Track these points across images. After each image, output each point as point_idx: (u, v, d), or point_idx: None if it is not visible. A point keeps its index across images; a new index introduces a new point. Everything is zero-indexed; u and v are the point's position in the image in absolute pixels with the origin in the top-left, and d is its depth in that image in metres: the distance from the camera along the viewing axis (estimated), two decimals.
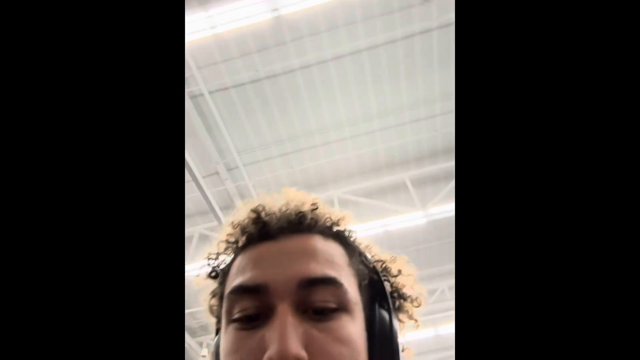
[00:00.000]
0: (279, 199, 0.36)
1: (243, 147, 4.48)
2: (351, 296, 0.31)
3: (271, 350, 0.26)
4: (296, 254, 0.31)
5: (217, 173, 4.59)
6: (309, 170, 4.79)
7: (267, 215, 0.34)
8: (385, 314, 0.33)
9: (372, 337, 0.31)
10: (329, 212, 0.36)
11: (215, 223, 4.77)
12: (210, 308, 0.36)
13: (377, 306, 0.33)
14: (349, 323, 0.30)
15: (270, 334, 0.27)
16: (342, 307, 0.30)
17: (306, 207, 0.35)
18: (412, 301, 0.37)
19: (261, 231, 0.34)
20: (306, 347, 0.27)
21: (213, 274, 0.36)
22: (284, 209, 0.35)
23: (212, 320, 0.37)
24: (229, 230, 0.36)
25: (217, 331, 0.35)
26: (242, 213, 0.36)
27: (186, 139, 4.07)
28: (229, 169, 4.62)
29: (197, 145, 4.32)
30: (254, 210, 0.35)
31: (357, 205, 4.90)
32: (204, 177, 4.26)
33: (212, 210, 4.39)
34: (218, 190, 4.69)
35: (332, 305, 0.30)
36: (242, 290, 0.30)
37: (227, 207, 4.79)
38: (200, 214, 4.96)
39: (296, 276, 0.30)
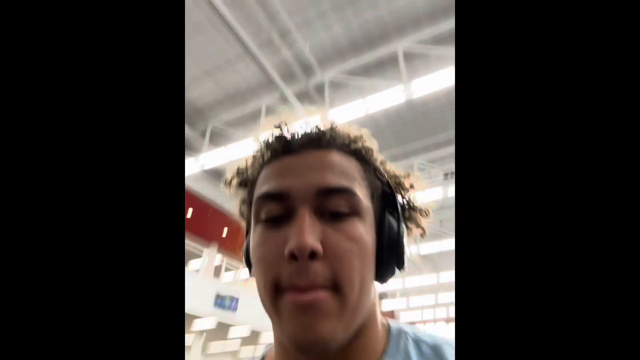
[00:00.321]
0: (301, 117, 0.39)
1: (294, 8, 4.07)
2: (363, 204, 0.34)
3: (291, 243, 0.30)
4: (315, 166, 0.35)
5: (270, 41, 4.38)
6: (369, 23, 4.29)
7: (289, 132, 0.37)
8: (394, 221, 0.37)
9: (380, 239, 0.35)
10: (347, 130, 0.39)
11: (278, 94, 4.84)
12: (241, 213, 0.41)
13: (387, 214, 0.37)
14: (360, 225, 0.33)
15: (291, 231, 0.31)
16: (355, 212, 0.33)
17: (325, 126, 0.38)
18: (421, 212, 0.41)
19: (284, 147, 0.37)
20: (322, 242, 0.31)
21: (243, 183, 0.40)
22: (304, 127, 0.37)
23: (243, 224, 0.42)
24: (255, 145, 0.39)
25: (247, 233, 0.40)
26: (266, 129, 0.39)
27: (234, 9, 3.81)
28: (282, 35, 4.36)
29: (246, 13, 4.05)
30: (277, 127, 0.38)
31: (424, 58, 4.46)
32: (258, 47, 4.12)
33: (273, 81, 4.40)
34: (275, 61, 4.57)
35: (346, 210, 0.33)
36: (267, 197, 0.34)
37: (287, 75, 4.73)
38: (262, 87, 5.02)
39: (315, 185, 0.33)
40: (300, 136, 0.37)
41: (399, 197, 0.39)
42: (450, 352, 0.36)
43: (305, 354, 0.34)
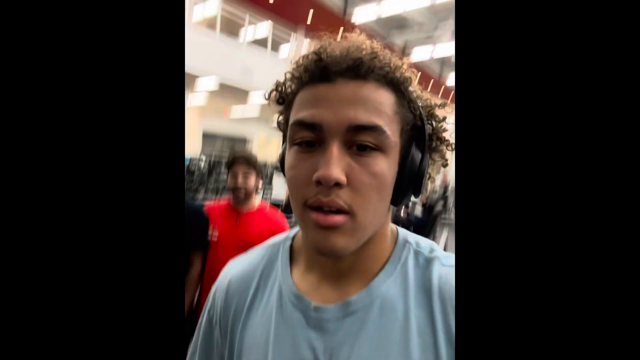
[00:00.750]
0: (342, 44, 0.39)
1: None
2: (390, 140, 0.37)
3: (319, 172, 0.35)
4: (349, 99, 0.36)
5: None
6: None
7: (328, 57, 0.38)
8: (419, 154, 0.40)
9: (401, 173, 0.38)
10: (387, 59, 0.39)
11: None
12: (279, 124, 0.44)
13: (413, 148, 0.39)
14: (383, 160, 0.37)
15: (321, 160, 0.35)
16: (380, 148, 0.36)
17: (365, 54, 0.38)
18: (447, 145, 0.43)
19: (321, 72, 0.38)
20: (346, 174, 0.35)
21: (280, 100, 0.43)
22: (344, 53, 0.38)
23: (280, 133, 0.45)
24: (295, 66, 0.41)
25: (283, 141, 0.44)
26: (307, 54, 0.40)
27: None
28: None
29: None
30: (316, 53, 0.39)
31: None
32: None
33: None
34: None
35: (372, 144, 0.36)
36: (302, 125, 0.37)
37: None
38: None
39: (346, 120, 0.35)
40: (337, 63, 0.37)
41: (429, 128, 0.41)
42: (436, 269, 0.41)
43: (323, 256, 0.41)
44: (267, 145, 10.60)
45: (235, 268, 0.50)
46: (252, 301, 0.46)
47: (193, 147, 8.58)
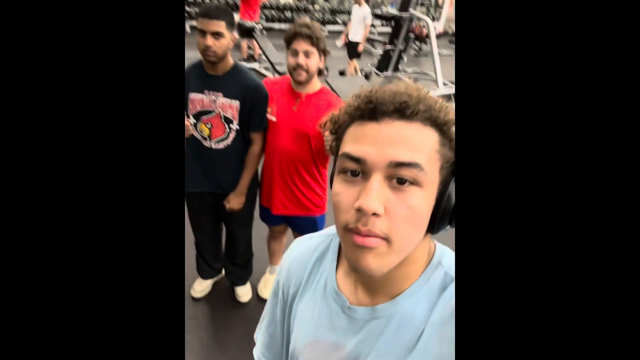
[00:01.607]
0: (392, 88, 0.44)
1: None
2: (428, 177, 0.40)
3: (360, 201, 0.38)
4: (391, 138, 0.40)
5: None
6: None
7: (377, 99, 0.42)
8: (454, 191, 0.42)
9: (437, 207, 0.41)
10: (433, 102, 0.42)
11: None
12: (331, 149, 0.49)
13: (451, 183, 0.42)
14: (420, 195, 0.40)
15: (363, 191, 0.39)
16: (418, 183, 0.39)
17: (412, 99, 0.41)
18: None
19: (370, 112, 0.42)
20: (385, 205, 0.39)
21: (333, 131, 0.48)
22: (392, 97, 0.42)
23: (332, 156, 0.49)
24: (349, 103, 0.45)
25: (334, 165, 0.46)
26: (359, 94, 0.45)
27: None
28: None
29: None
30: (367, 95, 0.43)
31: None
32: None
33: None
34: None
35: (411, 179, 0.39)
36: (349, 157, 0.41)
37: None
38: None
39: (388, 158, 0.39)
40: (385, 104, 0.41)
41: None
42: (451, 289, 0.44)
43: (357, 273, 0.48)
44: None
45: (296, 250, 0.60)
46: (305, 283, 0.56)
47: None
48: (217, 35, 1.40)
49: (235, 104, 1.51)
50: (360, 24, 5.76)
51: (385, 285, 0.47)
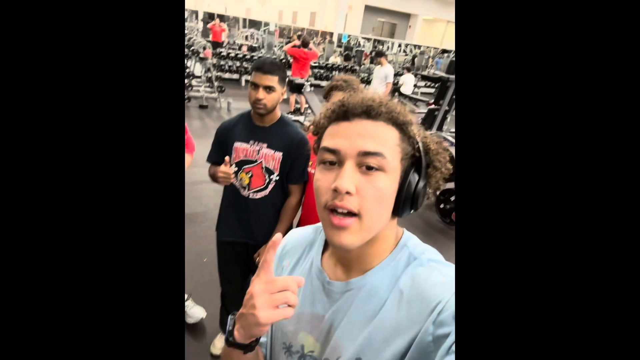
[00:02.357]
0: (360, 95, 0.53)
1: None
2: (391, 165, 0.49)
3: (336, 182, 0.47)
4: (361, 133, 0.49)
5: None
6: None
7: (349, 104, 0.52)
8: (415, 177, 0.51)
9: (400, 190, 0.50)
10: (393, 106, 0.52)
11: None
12: (314, 149, 0.58)
13: (411, 172, 0.51)
14: (385, 178, 0.49)
15: (339, 175, 0.48)
16: (382, 169, 0.48)
17: (376, 103, 0.51)
18: (440, 172, 0.54)
19: (344, 113, 0.52)
20: (356, 186, 0.47)
21: (315, 132, 0.57)
22: (361, 101, 0.51)
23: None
24: (326, 108, 0.55)
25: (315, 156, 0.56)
26: (334, 102, 0.55)
27: None
28: None
29: None
30: (341, 101, 0.53)
31: None
32: None
33: None
34: None
35: (376, 166, 0.48)
36: (327, 150, 0.51)
37: None
38: None
39: (358, 148, 0.48)
40: (355, 108, 0.51)
41: (427, 159, 0.53)
42: (417, 272, 0.51)
43: (335, 249, 0.58)
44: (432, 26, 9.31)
45: (292, 236, 0.70)
46: (296, 262, 0.65)
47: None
48: (269, 89, 1.42)
49: (279, 155, 1.50)
50: (381, 82, 6.00)
51: (359, 262, 0.55)
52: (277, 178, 1.53)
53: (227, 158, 1.45)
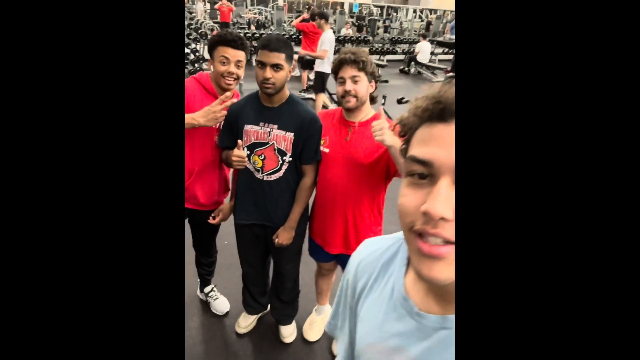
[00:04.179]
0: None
1: None
2: None
3: (427, 205, 0.36)
4: None
5: None
6: None
7: (447, 100, 0.39)
8: None
9: None
10: None
11: None
12: (402, 151, 0.47)
13: None
14: None
15: (431, 194, 0.37)
16: None
17: None
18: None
19: (440, 112, 0.39)
20: (454, 211, 0.35)
21: (402, 134, 0.46)
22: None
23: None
24: (417, 104, 0.43)
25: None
26: (427, 95, 0.43)
27: None
28: None
29: None
30: (436, 96, 0.40)
31: None
32: None
33: None
34: None
35: None
36: (416, 160, 0.39)
37: None
38: None
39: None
40: (453, 105, 0.39)
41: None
42: None
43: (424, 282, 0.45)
44: None
45: (365, 251, 0.59)
46: (372, 284, 0.55)
47: None
48: (276, 67, 1.38)
49: (290, 135, 1.47)
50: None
51: None
52: (290, 159, 1.50)
53: (239, 142, 1.43)
